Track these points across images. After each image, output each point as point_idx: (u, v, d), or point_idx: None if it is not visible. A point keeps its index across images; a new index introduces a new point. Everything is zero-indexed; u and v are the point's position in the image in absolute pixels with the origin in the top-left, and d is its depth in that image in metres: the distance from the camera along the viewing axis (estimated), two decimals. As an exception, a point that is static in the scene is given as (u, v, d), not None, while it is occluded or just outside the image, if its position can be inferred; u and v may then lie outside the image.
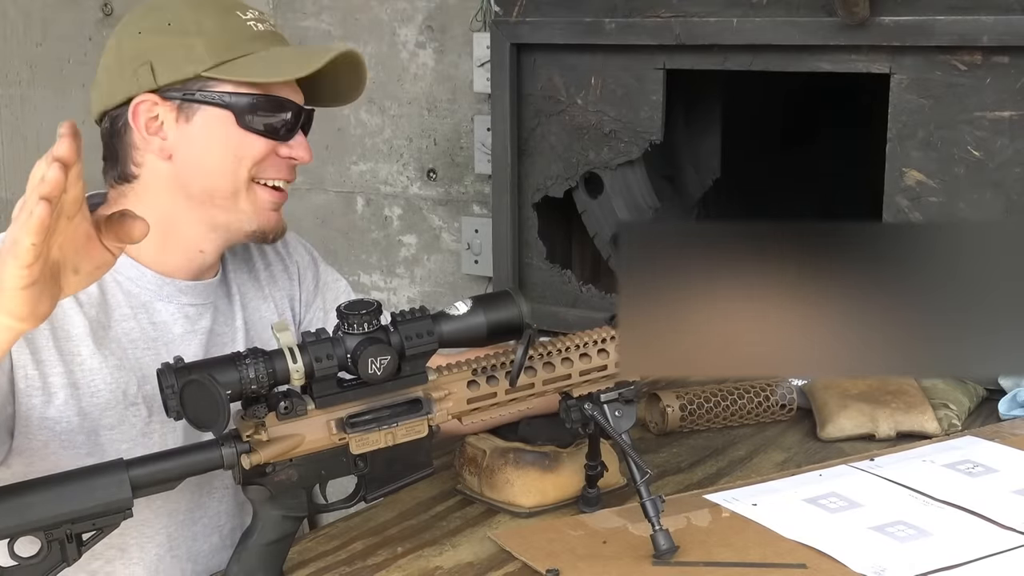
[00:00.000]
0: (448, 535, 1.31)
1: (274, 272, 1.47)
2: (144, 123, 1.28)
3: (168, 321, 1.32)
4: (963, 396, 1.67)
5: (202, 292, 1.35)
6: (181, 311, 1.33)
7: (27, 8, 2.24)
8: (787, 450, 1.56)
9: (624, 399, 1.25)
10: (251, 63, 1.27)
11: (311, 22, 2.63)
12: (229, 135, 1.27)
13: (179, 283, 1.32)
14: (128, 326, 1.29)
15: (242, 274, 1.43)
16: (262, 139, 1.29)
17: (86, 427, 1.23)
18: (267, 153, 1.29)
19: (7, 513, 1.04)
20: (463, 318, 1.17)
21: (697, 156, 2.46)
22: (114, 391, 1.26)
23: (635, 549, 1.21)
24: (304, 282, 1.50)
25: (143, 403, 1.28)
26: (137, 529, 1.28)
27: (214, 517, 1.37)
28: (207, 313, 1.35)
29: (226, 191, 1.29)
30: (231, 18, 1.28)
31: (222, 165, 1.28)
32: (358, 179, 2.64)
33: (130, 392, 1.27)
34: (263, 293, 1.44)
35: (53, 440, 1.22)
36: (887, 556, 1.17)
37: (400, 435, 1.16)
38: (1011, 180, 1.75)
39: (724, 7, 1.91)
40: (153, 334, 1.30)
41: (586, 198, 2.18)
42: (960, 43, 1.73)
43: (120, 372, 1.26)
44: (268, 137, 1.29)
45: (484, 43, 2.28)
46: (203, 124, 1.27)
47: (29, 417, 1.20)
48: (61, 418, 1.22)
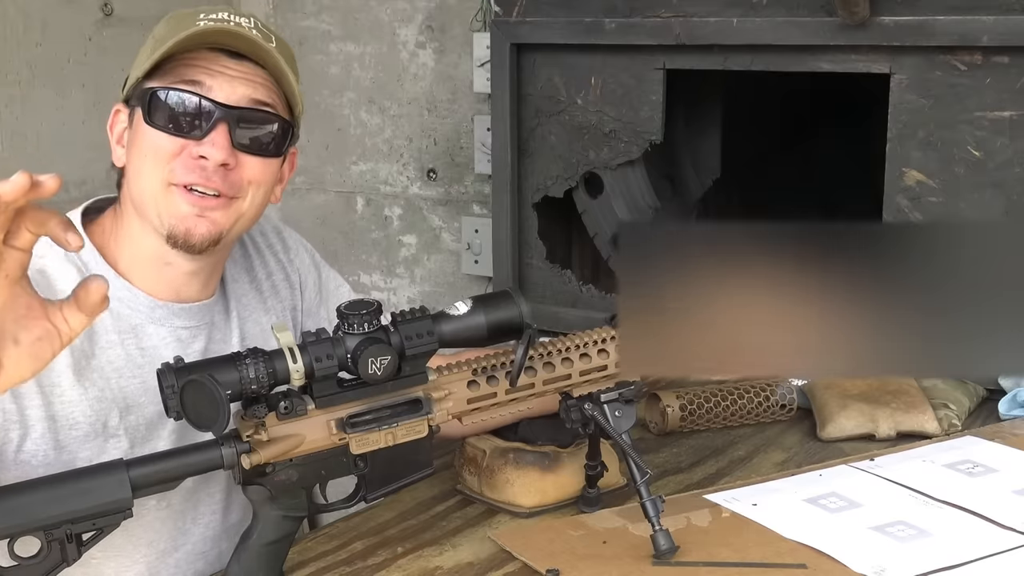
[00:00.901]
0: (448, 535, 1.31)
1: (275, 281, 1.44)
2: (117, 134, 1.28)
3: (158, 345, 1.28)
4: (963, 396, 1.67)
5: (196, 314, 1.31)
6: (173, 334, 1.29)
7: (27, 8, 2.23)
8: (787, 450, 1.56)
9: (624, 399, 1.25)
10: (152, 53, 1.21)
11: (311, 22, 2.63)
12: (143, 136, 1.23)
13: (172, 306, 1.29)
14: (114, 354, 1.25)
15: (243, 284, 1.40)
16: (166, 135, 1.21)
17: (63, 460, 1.20)
18: (176, 151, 1.22)
19: (7, 513, 1.04)
20: (463, 318, 1.17)
21: (697, 156, 2.46)
22: (93, 423, 1.22)
23: (635, 549, 1.21)
24: (306, 291, 1.48)
25: (124, 435, 1.24)
26: (114, 560, 1.25)
27: (198, 543, 1.33)
28: (201, 335, 1.32)
29: (147, 195, 1.23)
30: (188, 20, 1.23)
31: (139, 169, 1.24)
32: (358, 179, 2.65)
33: (111, 424, 1.23)
34: (265, 305, 1.41)
35: (29, 475, 1.16)
36: (887, 556, 1.17)
37: (400, 435, 1.16)
38: (1011, 180, 1.75)
39: (724, 7, 1.91)
40: (140, 360, 1.26)
41: (586, 198, 2.18)
42: (960, 43, 1.73)
43: (101, 404, 1.23)
44: (174, 133, 1.21)
45: (484, 43, 2.28)
46: (135, 128, 1.25)
47: (4, 452, 1.17)
48: (37, 451, 1.19)
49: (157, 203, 1.23)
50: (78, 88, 2.33)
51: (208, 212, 1.23)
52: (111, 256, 1.28)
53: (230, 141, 1.22)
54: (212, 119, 1.21)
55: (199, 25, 1.21)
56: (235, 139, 1.23)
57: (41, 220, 0.87)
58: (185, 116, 1.21)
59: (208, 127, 1.21)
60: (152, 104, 1.21)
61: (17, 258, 0.88)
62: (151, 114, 1.21)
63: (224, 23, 1.22)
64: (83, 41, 2.34)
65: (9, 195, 0.84)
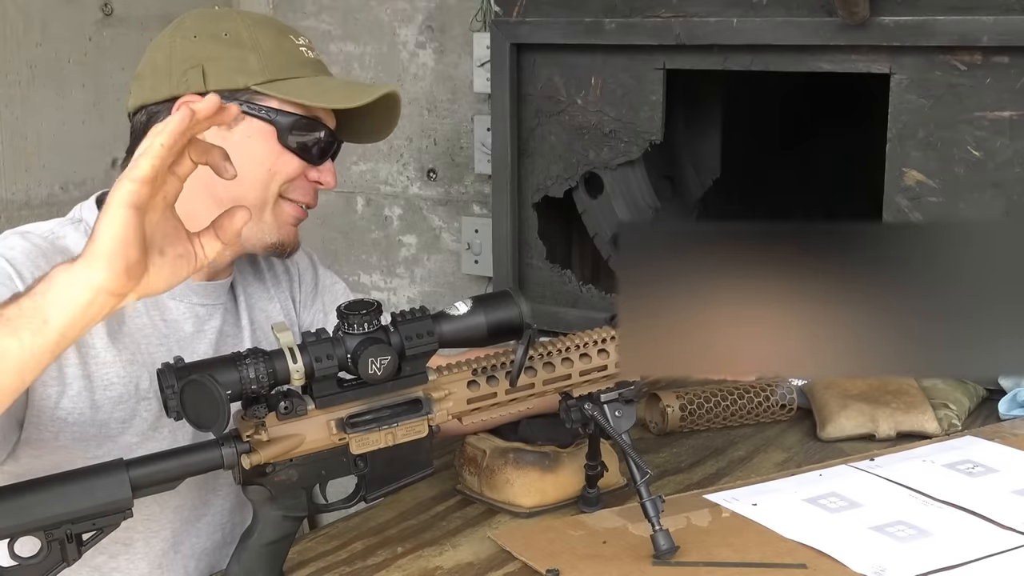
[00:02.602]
0: (448, 535, 1.31)
1: (277, 272, 1.49)
2: None
3: (179, 319, 1.33)
4: (963, 396, 1.67)
5: (212, 293, 1.36)
6: (191, 310, 1.34)
7: (27, 8, 2.23)
8: (787, 450, 1.56)
9: (624, 399, 1.25)
10: (301, 86, 1.30)
11: (311, 22, 2.63)
12: (269, 149, 1.30)
13: (191, 283, 1.34)
14: (141, 322, 1.30)
15: (247, 275, 1.45)
16: (296, 159, 1.31)
17: (98, 420, 1.24)
18: (298, 173, 1.32)
19: (7, 513, 1.04)
20: (463, 318, 1.17)
21: (697, 156, 2.46)
22: (127, 384, 1.26)
23: (635, 549, 1.21)
24: (303, 283, 1.51)
25: (155, 398, 1.28)
26: (143, 524, 1.29)
27: (218, 515, 1.38)
28: (217, 313, 1.37)
29: (254, 202, 1.29)
30: (285, 40, 1.33)
31: (255, 177, 1.30)
32: (358, 179, 2.65)
33: (142, 386, 1.27)
34: (268, 293, 1.46)
35: (64, 431, 1.22)
36: (887, 556, 1.17)
37: (400, 435, 1.16)
38: (1011, 180, 1.75)
39: (724, 7, 1.91)
40: (165, 331, 1.32)
41: (586, 198, 2.18)
42: (960, 43, 1.73)
43: (133, 366, 1.27)
44: (302, 158, 1.32)
45: (484, 43, 2.28)
46: (244, 135, 1.29)
47: (42, 408, 1.21)
48: (74, 409, 1.22)
49: (266, 213, 1.32)
50: (78, 88, 2.33)
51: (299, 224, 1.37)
52: None
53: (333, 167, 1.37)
54: (330, 151, 1.35)
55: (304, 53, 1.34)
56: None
57: (205, 149, 0.99)
58: (315, 145, 1.33)
59: (326, 157, 1.35)
60: (287, 126, 1.30)
61: (175, 185, 0.98)
62: (284, 135, 1.30)
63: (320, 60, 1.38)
64: (83, 41, 2.34)
65: (203, 112, 0.95)
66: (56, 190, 2.27)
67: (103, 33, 2.37)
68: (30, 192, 2.22)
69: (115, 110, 2.26)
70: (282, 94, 1.29)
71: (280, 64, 1.31)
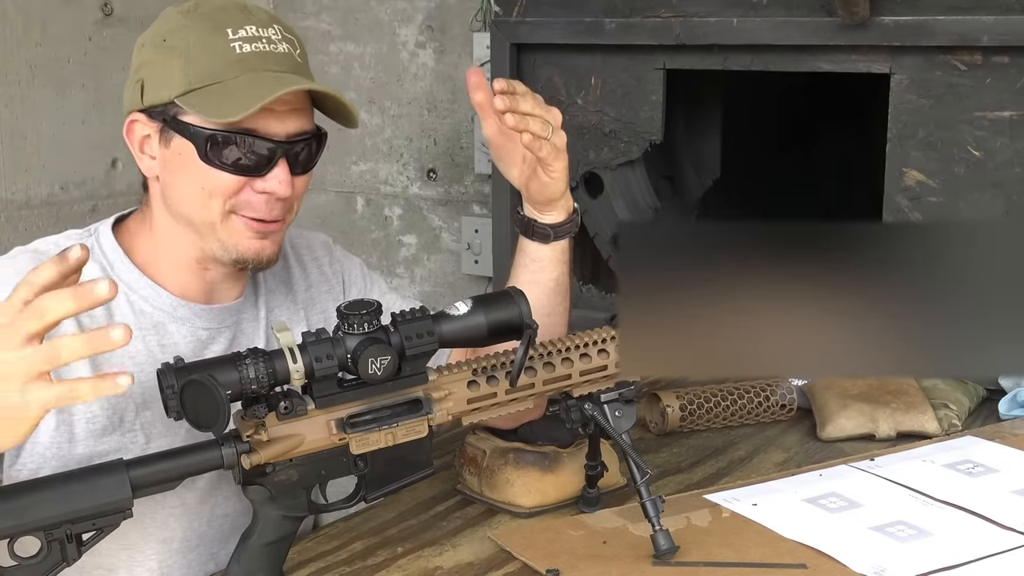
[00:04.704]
0: (448, 535, 1.31)
1: (314, 294, 1.43)
2: (138, 140, 1.26)
3: (178, 343, 1.28)
4: (963, 396, 1.67)
5: (217, 316, 1.32)
6: (194, 334, 1.30)
7: (27, 8, 2.23)
8: (787, 450, 1.56)
9: (624, 399, 1.25)
10: (214, 95, 1.19)
11: (311, 22, 2.63)
12: (195, 168, 1.22)
13: (194, 306, 1.30)
14: (133, 349, 1.24)
15: (279, 295, 1.39)
16: (228, 175, 1.22)
17: (78, 454, 1.20)
18: (239, 187, 1.23)
19: (7, 513, 1.04)
20: (463, 318, 1.17)
21: (697, 156, 2.46)
22: (111, 417, 1.23)
23: (635, 549, 1.21)
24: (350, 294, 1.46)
25: (140, 431, 1.25)
26: (126, 553, 1.26)
27: (209, 545, 1.33)
28: (221, 337, 1.32)
29: (199, 221, 1.24)
30: (217, 36, 1.21)
31: (191, 197, 1.24)
32: (358, 179, 2.65)
33: (127, 419, 1.24)
34: (299, 316, 1.40)
35: (44, 468, 1.18)
36: (887, 556, 1.17)
37: (400, 435, 1.16)
38: (1011, 180, 1.75)
39: (724, 7, 1.91)
40: (160, 356, 1.25)
41: (586, 198, 2.18)
42: (960, 43, 1.73)
43: (117, 399, 1.23)
44: (236, 172, 1.22)
45: (484, 43, 2.28)
46: (177, 151, 1.23)
47: (21, 445, 1.15)
48: (52, 444, 1.20)
49: (217, 231, 1.24)
50: (78, 88, 2.33)
51: (269, 235, 1.26)
52: (139, 257, 1.29)
53: (289, 174, 1.24)
54: (275, 158, 1.23)
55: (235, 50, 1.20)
56: (292, 171, 1.25)
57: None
58: (248, 156, 1.22)
59: (271, 165, 1.23)
60: (209, 145, 1.21)
61: None
62: (208, 154, 1.21)
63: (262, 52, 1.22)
64: (83, 41, 2.34)
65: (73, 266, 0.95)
66: (56, 190, 2.27)
67: (103, 33, 2.37)
68: (30, 192, 2.22)
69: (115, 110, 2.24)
70: (191, 108, 1.19)
71: (202, 69, 1.20)
